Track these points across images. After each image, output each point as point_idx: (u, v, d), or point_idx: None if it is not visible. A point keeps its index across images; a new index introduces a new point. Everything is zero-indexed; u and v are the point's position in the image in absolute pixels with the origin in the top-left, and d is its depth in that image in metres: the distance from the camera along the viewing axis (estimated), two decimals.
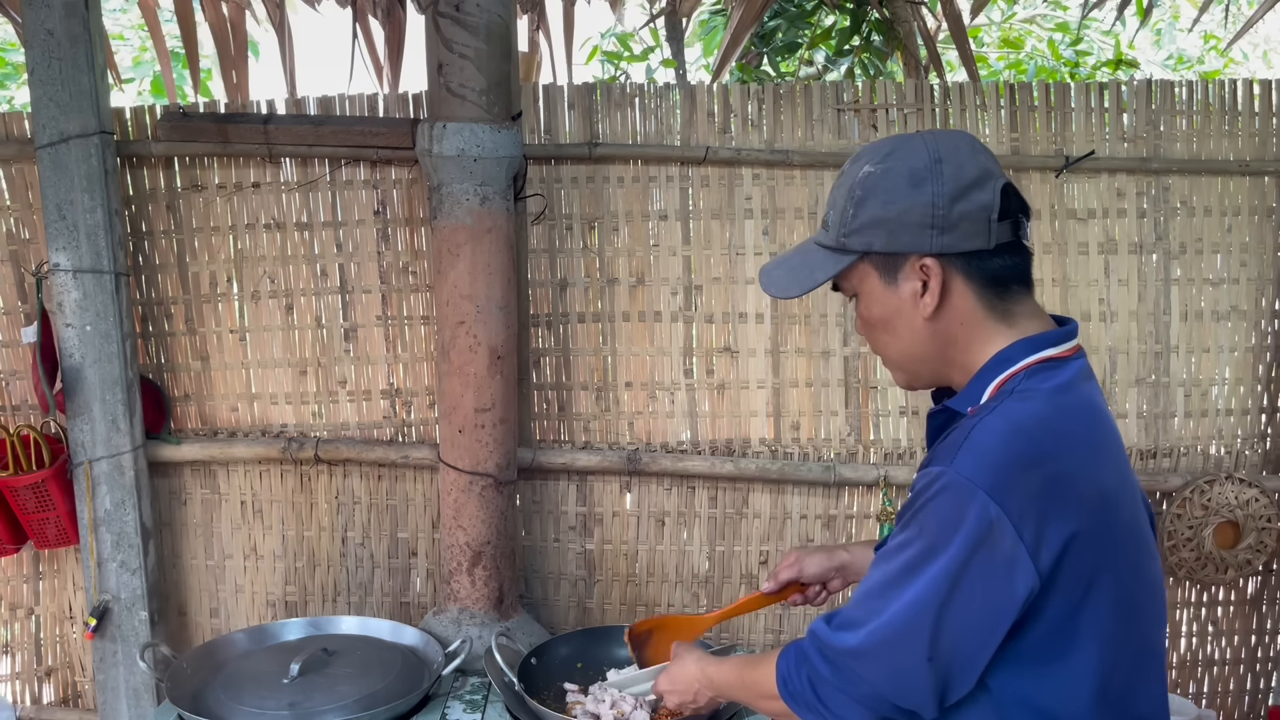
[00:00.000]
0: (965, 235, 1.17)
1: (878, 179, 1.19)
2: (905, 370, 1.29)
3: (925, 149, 1.19)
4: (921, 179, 1.17)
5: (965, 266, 1.19)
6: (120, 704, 2.39)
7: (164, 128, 2.35)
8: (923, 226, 1.17)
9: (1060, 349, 1.20)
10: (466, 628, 2.27)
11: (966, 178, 1.17)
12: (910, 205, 1.17)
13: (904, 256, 1.19)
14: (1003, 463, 1.08)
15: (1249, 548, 2.48)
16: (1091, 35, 6.19)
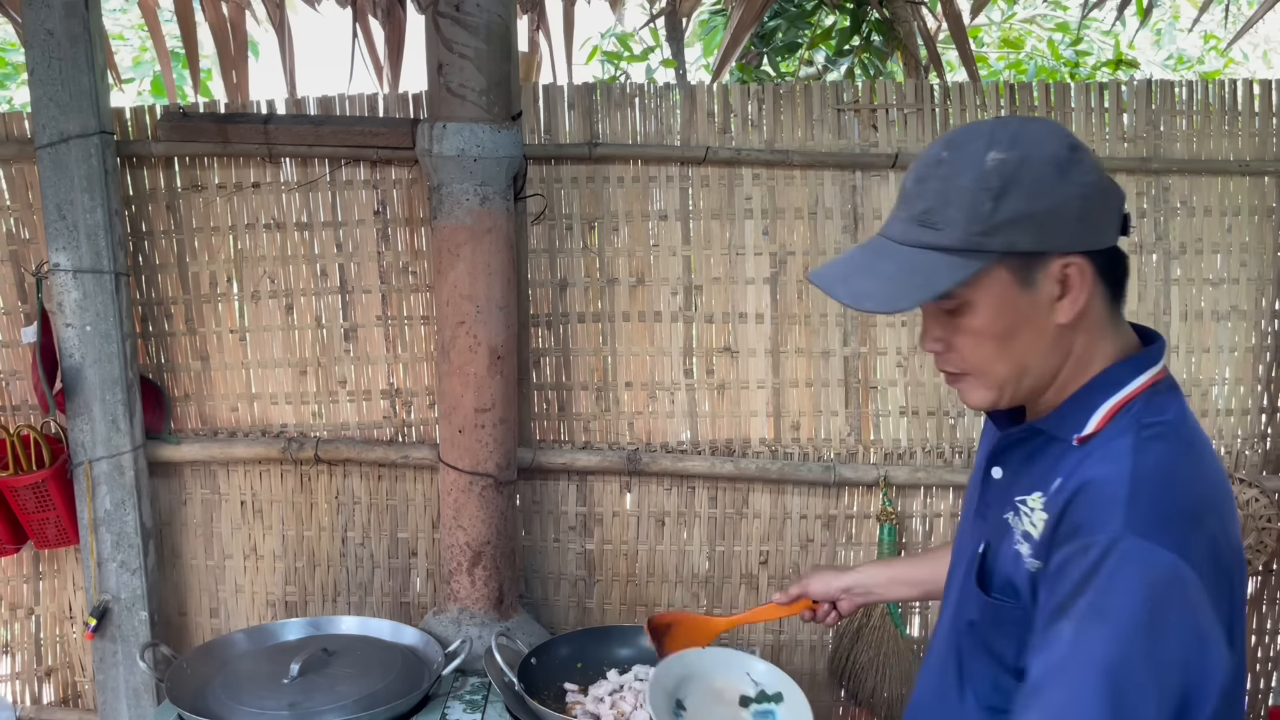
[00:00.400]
0: (1104, 231, 1.06)
1: (1019, 167, 1.02)
2: (1007, 384, 1.11)
3: (1054, 134, 1.05)
4: (1066, 167, 1.02)
5: (1104, 265, 1.06)
6: (120, 704, 2.39)
7: (164, 128, 2.35)
8: (1075, 220, 1.03)
9: (1159, 369, 1.09)
10: (466, 628, 2.27)
11: (1099, 167, 1.05)
12: (1063, 197, 1.02)
13: (1045, 256, 1.04)
14: (1172, 516, 0.97)
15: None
16: (1091, 35, 6.19)
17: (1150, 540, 0.95)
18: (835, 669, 2.53)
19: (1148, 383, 1.08)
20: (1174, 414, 1.06)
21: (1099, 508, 1.00)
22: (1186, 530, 0.97)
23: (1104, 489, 1.00)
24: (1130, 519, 0.96)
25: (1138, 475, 0.99)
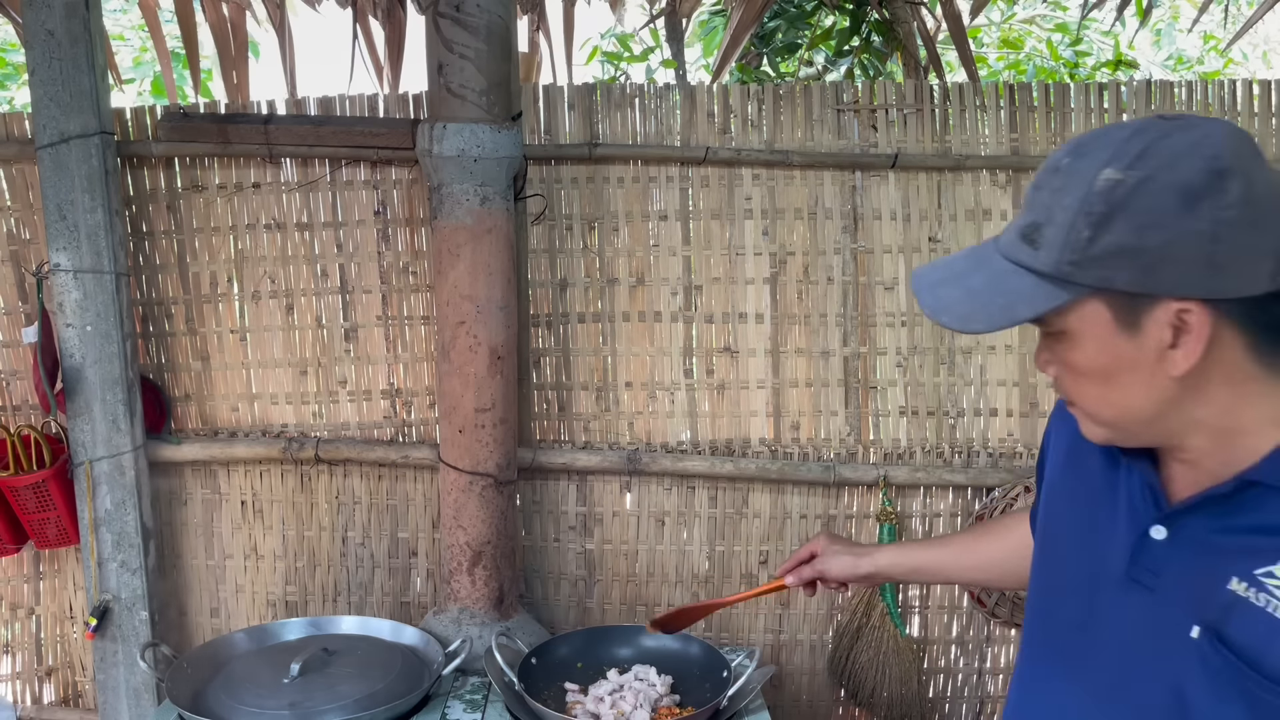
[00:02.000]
0: (1247, 276, 0.87)
1: (1133, 194, 0.87)
2: (1121, 429, 0.99)
3: (1199, 153, 0.86)
4: (1198, 197, 0.85)
5: (1240, 313, 0.89)
6: (120, 704, 2.39)
7: (164, 128, 2.35)
8: (1196, 262, 0.86)
9: None
10: (466, 628, 2.28)
11: (1259, 197, 0.86)
12: (1179, 234, 0.86)
13: (1154, 299, 0.88)
14: None
15: None
16: (1091, 36, 6.20)
17: None
18: (835, 669, 2.53)
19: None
20: None
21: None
22: None
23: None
24: None
25: None
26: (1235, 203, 0.85)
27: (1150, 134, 0.89)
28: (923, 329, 2.47)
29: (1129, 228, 0.87)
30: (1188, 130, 0.88)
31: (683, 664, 2.13)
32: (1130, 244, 0.87)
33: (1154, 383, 0.93)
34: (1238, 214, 0.85)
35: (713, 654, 2.14)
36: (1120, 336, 0.92)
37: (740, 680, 2.02)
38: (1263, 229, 0.86)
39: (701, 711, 1.93)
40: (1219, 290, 0.87)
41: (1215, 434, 0.96)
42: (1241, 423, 0.94)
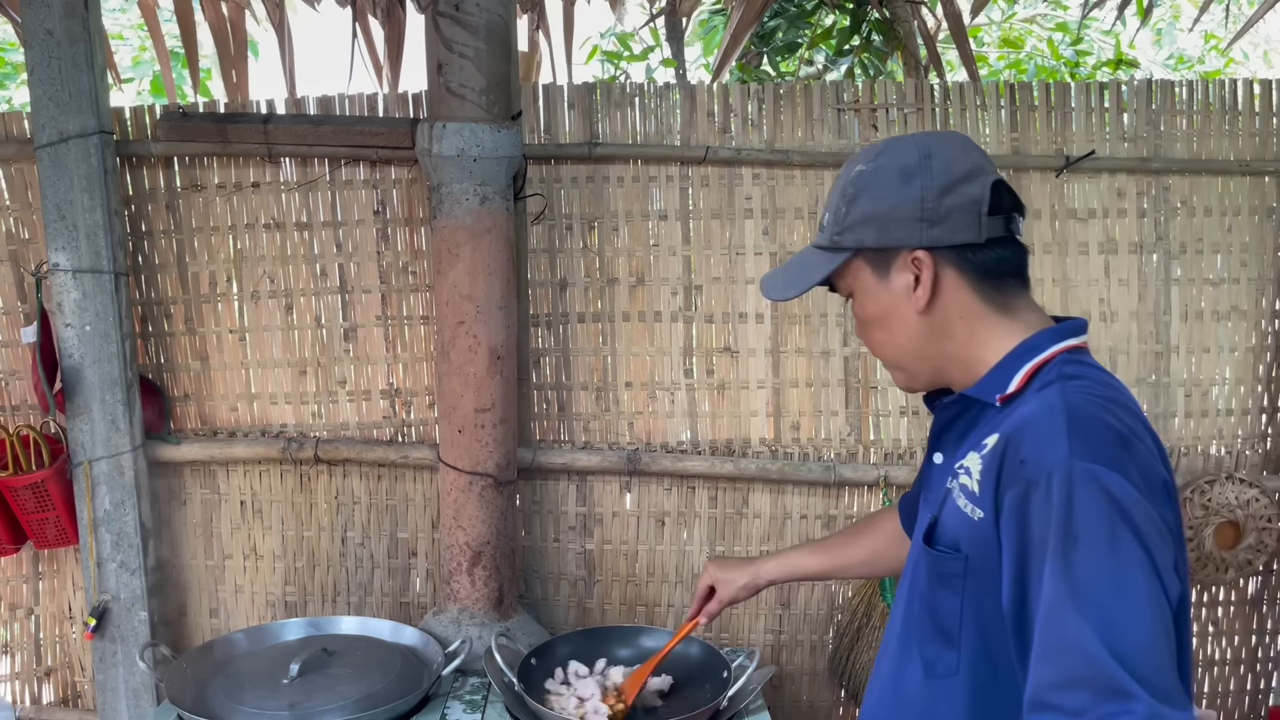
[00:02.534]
0: (955, 228, 1.18)
1: (869, 176, 1.22)
2: (904, 369, 1.30)
3: (916, 147, 1.21)
4: (911, 174, 1.19)
5: (958, 259, 1.20)
6: (120, 704, 2.39)
7: (164, 128, 2.35)
8: (913, 220, 1.19)
9: (1079, 339, 1.20)
10: (466, 628, 2.27)
11: (956, 172, 1.18)
12: (900, 200, 1.19)
13: (896, 251, 1.21)
14: (1109, 441, 1.05)
15: (1249, 548, 2.48)
16: (1091, 35, 6.19)
17: (1097, 463, 1.02)
18: (835, 669, 2.53)
19: (1067, 347, 1.18)
20: (1093, 369, 1.16)
21: (1043, 443, 1.06)
22: (1122, 454, 1.04)
23: (1043, 426, 1.08)
24: (1074, 448, 1.03)
25: (1071, 410, 1.07)
26: (938, 175, 1.18)
27: (893, 141, 1.24)
28: None
29: (868, 200, 1.21)
30: (918, 135, 1.24)
31: (683, 664, 2.13)
32: (870, 211, 1.21)
33: (910, 320, 1.23)
34: (939, 183, 1.18)
35: (713, 654, 2.14)
36: (880, 286, 1.24)
37: (740, 681, 2.01)
38: (959, 194, 1.18)
39: (702, 712, 1.93)
40: (935, 240, 1.19)
41: (968, 366, 1.23)
42: (983, 355, 1.21)
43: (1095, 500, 1.01)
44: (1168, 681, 0.96)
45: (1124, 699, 0.94)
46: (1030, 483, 1.05)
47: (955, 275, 1.20)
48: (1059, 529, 1.01)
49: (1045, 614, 1.01)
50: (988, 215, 1.18)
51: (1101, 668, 0.95)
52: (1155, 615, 0.98)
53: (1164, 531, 1.03)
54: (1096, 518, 1.00)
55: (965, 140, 1.23)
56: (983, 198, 1.18)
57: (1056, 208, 2.45)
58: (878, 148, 1.24)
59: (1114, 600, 0.98)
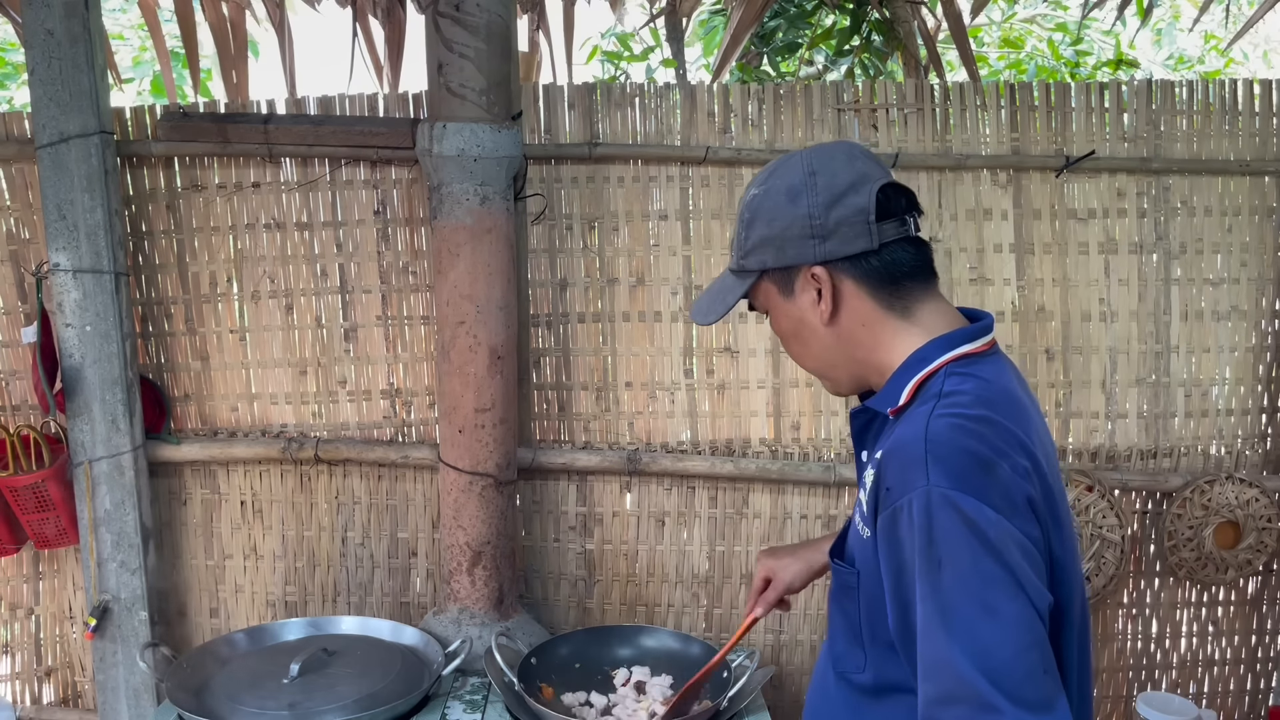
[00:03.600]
0: (846, 239, 1.20)
1: (761, 200, 1.25)
2: (826, 377, 1.34)
3: (801, 165, 1.23)
4: (798, 193, 1.22)
5: (853, 269, 1.22)
6: (120, 704, 2.39)
7: (164, 128, 2.35)
8: (804, 238, 1.21)
9: (974, 345, 1.21)
10: (466, 628, 2.27)
11: (839, 185, 1.20)
12: (791, 220, 1.22)
13: (795, 269, 1.24)
14: (967, 466, 1.08)
15: (1249, 548, 2.48)
16: (1092, 35, 6.19)
17: (953, 489, 1.06)
18: None
19: (955, 357, 1.19)
20: (976, 380, 1.17)
21: (905, 469, 1.10)
22: (980, 477, 1.07)
23: (907, 451, 1.11)
24: (932, 473, 1.07)
25: (931, 437, 1.09)
26: (822, 190, 1.21)
27: (782, 161, 1.27)
28: None
29: (762, 223, 1.25)
30: (805, 151, 1.26)
31: (683, 664, 2.13)
32: (765, 234, 1.24)
33: (819, 332, 1.26)
34: (824, 199, 1.20)
35: (713, 655, 2.14)
36: (787, 303, 1.27)
37: (740, 681, 2.02)
38: (844, 206, 1.20)
39: (702, 712, 1.93)
40: (829, 254, 1.21)
41: (879, 370, 1.25)
42: (889, 360, 1.24)
43: (953, 525, 1.05)
44: (1036, 691, 1.02)
45: (991, 713, 1.00)
46: (895, 508, 1.10)
47: (853, 285, 1.22)
48: (923, 553, 1.06)
49: (920, 635, 1.07)
50: (876, 222, 1.19)
51: (971, 684, 1.01)
52: (1021, 630, 1.03)
53: (1027, 547, 1.06)
54: (957, 542, 1.05)
55: (851, 149, 1.25)
56: (868, 206, 1.19)
57: (1056, 208, 2.45)
58: (769, 169, 1.27)
59: (979, 619, 1.03)
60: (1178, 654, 2.64)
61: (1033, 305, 2.47)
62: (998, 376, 1.19)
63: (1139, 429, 2.52)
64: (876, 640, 1.22)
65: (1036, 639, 1.04)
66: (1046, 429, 1.27)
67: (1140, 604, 2.60)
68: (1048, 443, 1.23)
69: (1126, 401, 2.51)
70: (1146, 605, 2.60)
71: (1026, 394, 1.25)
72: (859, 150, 1.26)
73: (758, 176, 1.29)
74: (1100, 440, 2.51)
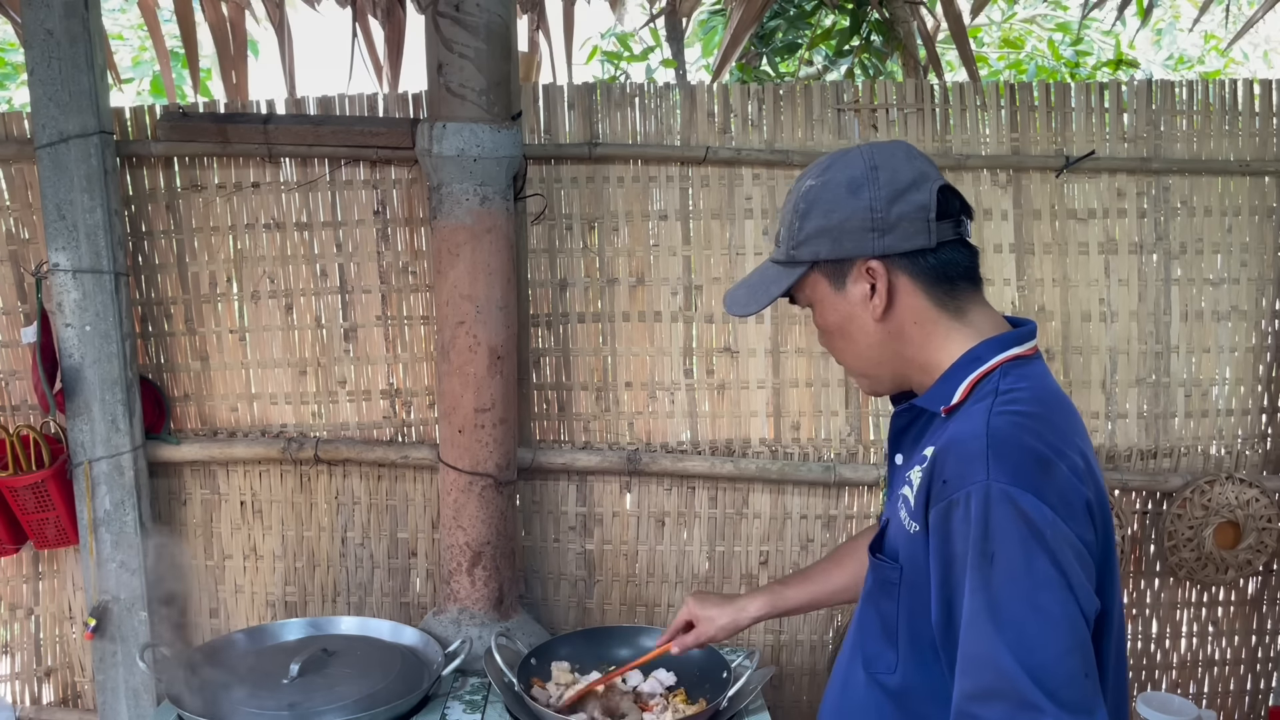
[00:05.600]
0: (906, 235, 1.21)
1: (819, 191, 1.24)
2: (867, 375, 1.33)
3: (862, 159, 1.23)
4: (859, 185, 1.21)
5: (910, 266, 1.22)
6: (120, 704, 2.39)
7: (164, 128, 2.35)
8: (864, 230, 1.21)
9: (1024, 347, 1.22)
10: (466, 628, 2.27)
11: (902, 181, 1.21)
12: (851, 211, 1.21)
13: (850, 261, 1.24)
14: (1027, 464, 1.08)
15: (1249, 548, 2.48)
16: (1091, 35, 6.19)
17: (1013, 485, 1.06)
18: None
19: (1009, 358, 1.20)
20: (1030, 381, 1.18)
21: (965, 463, 1.10)
22: (1040, 476, 1.07)
23: (966, 446, 1.11)
24: (992, 469, 1.07)
25: (993, 432, 1.10)
26: (884, 185, 1.21)
27: (839, 154, 1.26)
28: None
29: (820, 213, 1.24)
30: (863, 147, 1.25)
31: (683, 664, 2.12)
32: (822, 224, 1.23)
33: (868, 328, 1.26)
34: (886, 193, 1.20)
35: (713, 654, 2.14)
36: (838, 296, 1.26)
37: (740, 681, 2.01)
38: (906, 202, 1.20)
39: (702, 713, 1.93)
40: (886, 248, 1.21)
41: (925, 370, 1.25)
42: (938, 359, 1.24)
43: (1010, 520, 1.05)
44: (1077, 694, 1.02)
45: (1033, 711, 1.00)
46: (951, 501, 1.10)
47: (909, 281, 1.23)
48: (976, 547, 1.06)
49: (965, 628, 1.07)
50: (936, 220, 1.21)
51: (1013, 681, 1.01)
52: (1067, 632, 1.03)
53: (1080, 551, 1.07)
54: (1012, 537, 1.05)
55: (909, 148, 1.26)
56: (930, 204, 1.20)
57: (1056, 208, 2.45)
58: (825, 161, 1.27)
59: (1028, 617, 1.03)
60: (1178, 654, 2.64)
61: (1033, 305, 2.47)
62: (1046, 379, 1.21)
63: (1139, 429, 2.52)
64: (916, 641, 1.21)
65: (1081, 642, 1.04)
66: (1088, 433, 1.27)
67: (1140, 604, 2.60)
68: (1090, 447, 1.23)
69: (1126, 401, 2.51)
70: (1146, 605, 2.60)
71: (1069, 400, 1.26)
72: (915, 150, 1.26)
73: (812, 168, 1.28)
74: (1100, 440, 2.51)
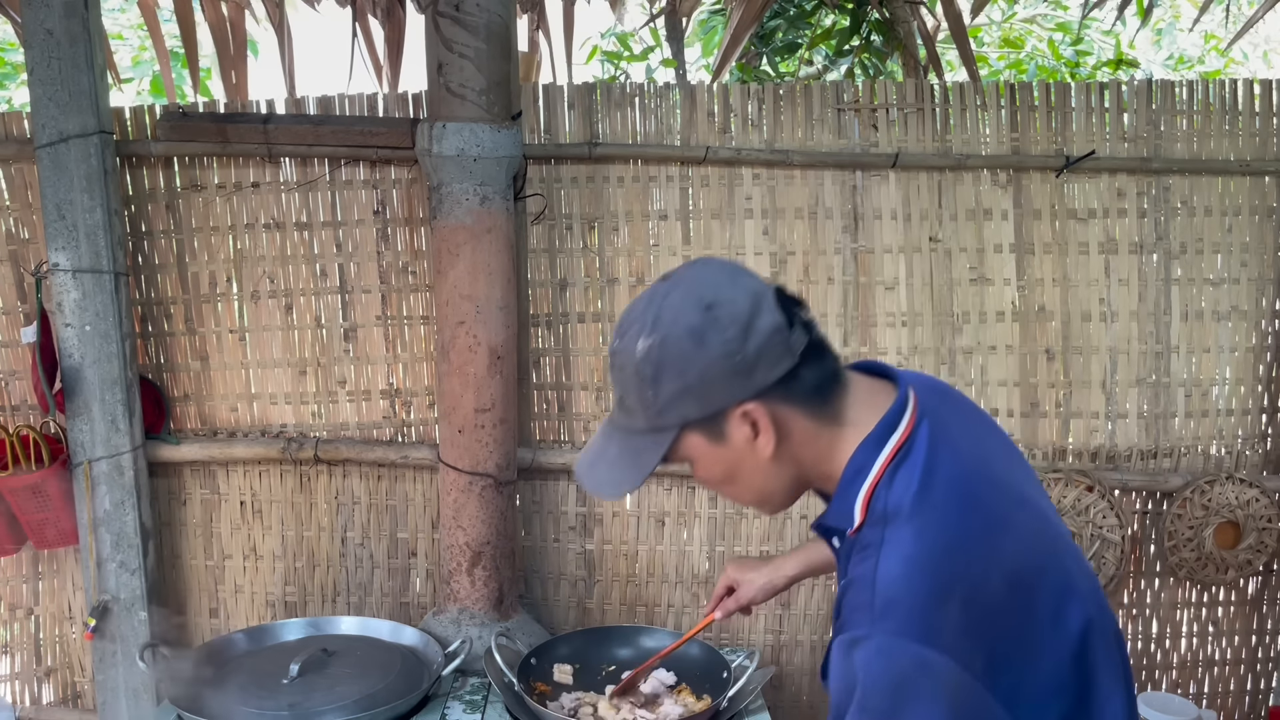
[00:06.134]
0: (771, 364, 1.11)
1: (659, 350, 1.10)
2: (767, 504, 1.25)
3: (690, 303, 1.10)
4: (703, 333, 1.09)
5: (784, 392, 1.13)
6: (120, 704, 2.39)
7: (163, 127, 2.35)
8: (728, 378, 1.10)
9: (902, 430, 1.14)
10: (466, 628, 2.27)
11: (743, 311, 1.10)
12: (707, 363, 1.09)
13: (723, 412, 1.12)
14: (918, 607, 1.03)
15: (1249, 548, 2.48)
16: (1092, 35, 6.19)
17: (896, 636, 1.02)
18: None
19: (890, 455, 1.12)
20: (917, 481, 1.10)
21: (854, 609, 1.07)
22: (930, 616, 1.03)
23: (858, 592, 1.07)
24: (875, 619, 1.04)
25: (880, 575, 1.05)
26: (728, 324, 1.09)
27: (656, 300, 1.12)
28: (923, 329, 2.47)
29: (673, 375, 1.10)
30: (679, 285, 1.12)
31: (683, 664, 2.12)
32: (680, 385, 1.10)
33: (761, 467, 1.16)
34: (735, 331, 1.09)
35: (713, 654, 2.14)
36: (719, 448, 1.15)
37: (740, 681, 2.02)
38: (758, 331, 1.09)
39: (702, 713, 1.93)
40: (757, 385, 1.10)
41: (827, 479, 1.19)
42: (833, 468, 1.17)
43: (884, 676, 1.02)
44: None
45: None
46: (843, 641, 1.06)
47: (788, 408, 1.14)
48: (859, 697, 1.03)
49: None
50: (789, 334, 1.13)
51: None
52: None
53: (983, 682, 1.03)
54: (883, 695, 1.02)
55: (722, 265, 1.16)
56: (779, 321, 1.11)
57: (1056, 208, 2.45)
58: (648, 314, 1.12)
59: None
60: (1178, 654, 2.64)
61: (1033, 305, 2.47)
62: (935, 459, 1.12)
63: (1139, 429, 2.52)
64: None
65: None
66: (1008, 449, 1.23)
67: (1140, 604, 2.60)
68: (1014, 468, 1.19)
69: (1126, 401, 2.51)
70: (1146, 605, 2.60)
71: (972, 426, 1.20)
72: (728, 263, 1.16)
73: (633, 325, 1.13)
74: (1100, 440, 2.51)
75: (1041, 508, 1.21)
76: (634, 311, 1.15)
